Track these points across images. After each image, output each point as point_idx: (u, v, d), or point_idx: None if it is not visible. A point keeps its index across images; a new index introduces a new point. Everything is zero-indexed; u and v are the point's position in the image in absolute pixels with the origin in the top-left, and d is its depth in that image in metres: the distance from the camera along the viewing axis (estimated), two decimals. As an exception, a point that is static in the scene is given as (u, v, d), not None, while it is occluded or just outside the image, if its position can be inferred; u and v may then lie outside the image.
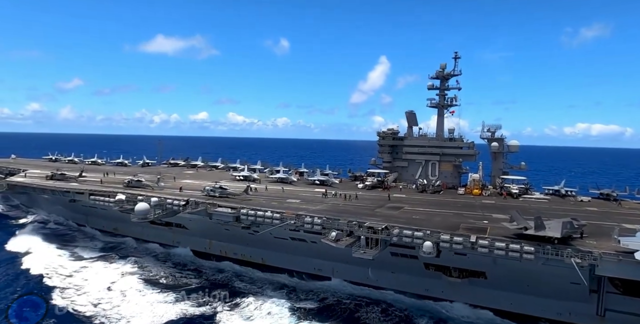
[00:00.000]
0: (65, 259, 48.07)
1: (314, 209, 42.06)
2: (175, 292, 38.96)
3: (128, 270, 44.58)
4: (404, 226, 33.48)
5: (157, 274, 43.51)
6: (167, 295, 38.33)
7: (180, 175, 69.98)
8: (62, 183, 57.43)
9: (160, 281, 41.93)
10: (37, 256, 48.22)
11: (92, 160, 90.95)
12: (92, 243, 54.77)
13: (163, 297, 38.03)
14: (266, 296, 38.67)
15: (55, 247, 51.95)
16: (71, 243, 54.31)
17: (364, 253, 32.12)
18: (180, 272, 44.52)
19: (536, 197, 53.17)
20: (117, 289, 39.76)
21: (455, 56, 62.76)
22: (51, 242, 53.90)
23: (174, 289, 39.65)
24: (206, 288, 39.72)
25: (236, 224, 41.36)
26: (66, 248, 51.80)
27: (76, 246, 52.81)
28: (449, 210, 43.25)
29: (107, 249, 52.33)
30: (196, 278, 43.06)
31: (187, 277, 43.28)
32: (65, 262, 46.93)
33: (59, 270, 44.19)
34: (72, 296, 38.17)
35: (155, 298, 37.88)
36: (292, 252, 43.41)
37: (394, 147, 64.74)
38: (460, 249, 31.21)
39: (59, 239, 55.94)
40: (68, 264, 46.10)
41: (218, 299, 37.25)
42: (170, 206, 43.78)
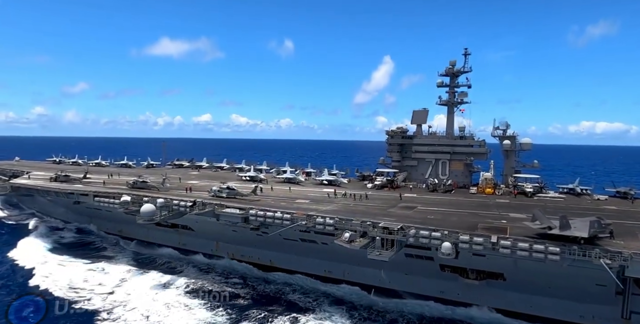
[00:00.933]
0: (97, 272, 44.42)
1: (325, 209, 40.83)
2: (229, 308, 36.43)
3: (169, 281, 41.63)
4: (421, 227, 32.19)
5: (203, 287, 40.57)
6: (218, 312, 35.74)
7: (185, 176, 68.96)
8: (66, 185, 56.52)
9: (208, 296, 38.62)
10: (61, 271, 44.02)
11: (96, 162, 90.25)
12: (121, 253, 51.23)
13: (212, 314, 35.52)
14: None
15: (79, 258, 48.48)
16: (97, 253, 51.11)
17: (379, 255, 30.84)
18: (235, 286, 41.28)
19: (551, 196, 51.72)
20: (163, 301, 37.14)
21: (465, 53, 61.43)
22: (72, 252, 50.89)
23: (227, 305, 36.86)
24: (259, 301, 37.78)
25: (245, 225, 40.21)
26: (92, 259, 48.55)
27: (105, 257, 49.28)
28: (464, 210, 41.93)
29: (140, 259, 49.10)
30: (244, 288, 40.67)
31: (236, 287, 40.80)
32: (99, 276, 43.19)
33: (96, 288, 40.08)
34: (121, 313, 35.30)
35: (204, 315, 35.32)
36: (301, 254, 42.28)
37: (403, 146, 63.48)
38: (480, 250, 29.92)
39: (80, 247, 53.10)
40: (103, 279, 42.43)
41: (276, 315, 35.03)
42: (176, 207, 42.66)
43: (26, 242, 53.73)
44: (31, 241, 54.18)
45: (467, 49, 61.32)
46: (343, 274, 41.56)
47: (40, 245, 52.72)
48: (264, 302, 38.17)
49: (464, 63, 61.45)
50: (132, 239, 54.55)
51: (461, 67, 61.57)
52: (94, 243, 55.78)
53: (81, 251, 51.78)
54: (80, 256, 49.66)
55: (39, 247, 52.05)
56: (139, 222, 42.40)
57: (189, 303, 37.34)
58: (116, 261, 48.04)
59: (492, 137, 60.90)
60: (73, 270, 44.76)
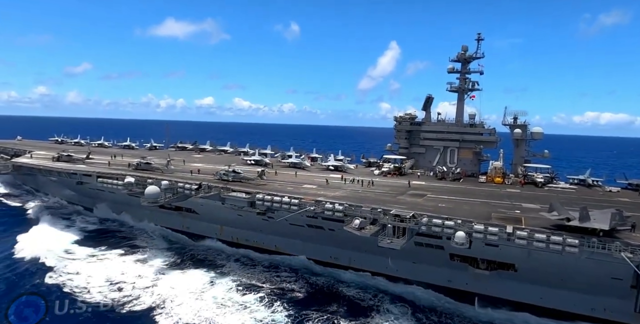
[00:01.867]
0: (130, 265, 41.35)
1: (333, 195, 39.98)
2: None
3: (212, 277, 39.28)
4: (433, 215, 31.35)
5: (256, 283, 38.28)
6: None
7: (188, 159, 68.04)
8: (69, 165, 55.74)
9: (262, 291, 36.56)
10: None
11: (98, 142, 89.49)
12: (156, 244, 47.78)
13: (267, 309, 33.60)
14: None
15: (110, 248, 45.60)
16: (127, 242, 48.05)
17: (390, 243, 30.09)
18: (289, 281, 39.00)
19: (562, 186, 50.73)
20: (210, 298, 34.75)
21: (478, 38, 59.43)
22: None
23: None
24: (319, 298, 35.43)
25: (251, 209, 39.48)
26: (124, 248, 45.79)
27: (142, 248, 46.04)
28: (475, 199, 41.03)
29: (175, 249, 46.41)
30: (296, 283, 38.47)
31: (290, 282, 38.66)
32: (135, 269, 40.16)
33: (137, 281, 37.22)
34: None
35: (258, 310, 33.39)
36: (307, 239, 41.72)
37: (411, 132, 62.21)
38: (494, 241, 29.13)
39: (104, 235, 50.11)
40: (140, 272, 39.48)
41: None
42: (181, 190, 41.88)
43: (37, 229, 51.13)
44: (43, 228, 51.24)
45: (480, 34, 59.34)
46: (349, 261, 41.06)
47: (53, 232, 50.40)
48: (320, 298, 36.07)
49: (477, 49, 59.64)
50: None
51: (473, 52, 59.79)
52: (119, 231, 52.44)
53: (105, 239, 48.93)
54: (109, 244, 47.00)
55: (51, 234, 49.87)
56: (143, 204, 41.70)
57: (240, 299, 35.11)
58: (148, 253, 44.80)
59: (503, 125, 59.63)
60: (108, 264, 41.89)
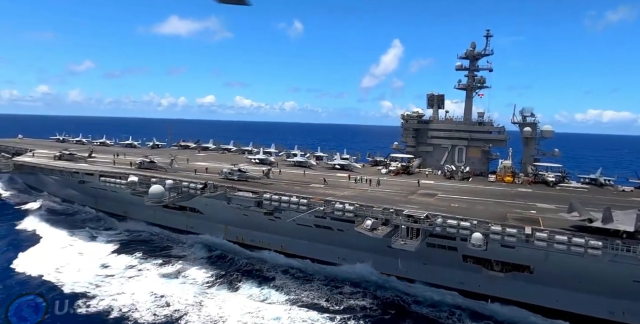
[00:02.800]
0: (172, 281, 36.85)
1: (342, 195, 38.99)
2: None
3: (264, 292, 35.24)
4: (448, 215, 30.35)
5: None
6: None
7: (192, 157, 67.11)
8: (71, 164, 54.79)
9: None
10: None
11: (100, 141, 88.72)
12: (194, 253, 43.78)
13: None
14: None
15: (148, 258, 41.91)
16: (165, 252, 44.27)
17: (404, 244, 29.07)
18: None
19: (574, 186, 49.65)
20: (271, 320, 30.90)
21: (487, 35, 58.39)
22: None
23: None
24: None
25: (258, 209, 38.51)
26: (164, 258, 42.15)
27: (180, 259, 42.12)
28: (487, 198, 40.01)
29: (216, 258, 42.96)
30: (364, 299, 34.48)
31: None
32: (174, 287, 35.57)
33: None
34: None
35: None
36: (315, 240, 40.79)
37: (419, 131, 61.21)
38: (512, 242, 28.13)
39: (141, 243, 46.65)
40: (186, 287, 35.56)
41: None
42: (186, 189, 40.91)
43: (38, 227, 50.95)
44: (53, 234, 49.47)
45: (489, 30, 58.32)
46: (357, 262, 40.14)
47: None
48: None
49: (485, 45, 58.61)
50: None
51: (482, 49, 58.74)
52: (150, 240, 48.59)
53: (139, 248, 45.31)
54: (144, 254, 43.41)
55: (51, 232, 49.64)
56: (147, 204, 40.75)
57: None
58: (188, 263, 41.03)
59: (512, 123, 58.60)
60: (147, 277, 37.84)
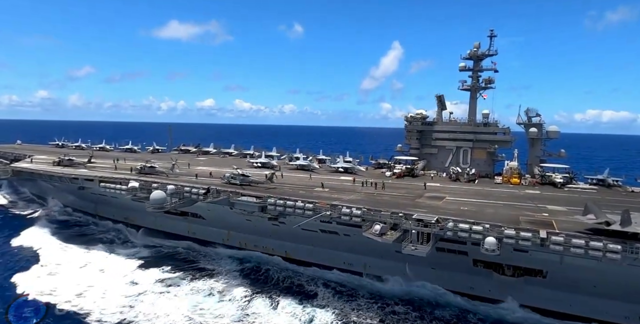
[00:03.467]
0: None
1: (348, 198, 38.09)
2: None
3: (309, 311, 32.94)
4: (459, 219, 29.45)
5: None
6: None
7: (193, 162, 66.22)
8: (70, 169, 53.89)
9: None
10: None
11: (100, 146, 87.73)
12: (225, 266, 41.66)
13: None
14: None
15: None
16: (194, 265, 42.23)
17: (414, 250, 28.16)
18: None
19: (582, 187, 48.78)
20: None
21: (491, 35, 57.79)
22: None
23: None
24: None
25: (262, 214, 37.63)
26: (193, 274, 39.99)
27: (211, 272, 40.15)
28: (496, 201, 39.11)
29: (248, 271, 40.55)
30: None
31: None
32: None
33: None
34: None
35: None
36: (320, 245, 39.91)
37: (423, 132, 60.40)
38: (526, 246, 27.25)
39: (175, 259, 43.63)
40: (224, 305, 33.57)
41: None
42: (188, 195, 40.02)
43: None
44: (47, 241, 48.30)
45: (493, 30, 57.68)
46: (364, 267, 39.29)
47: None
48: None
49: (489, 45, 57.97)
50: (139, 227, 52.24)
51: (486, 49, 58.09)
52: (178, 253, 45.71)
53: (169, 262, 42.49)
54: (173, 268, 40.92)
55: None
56: (148, 210, 39.85)
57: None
58: (221, 279, 38.42)
59: (517, 124, 57.91)
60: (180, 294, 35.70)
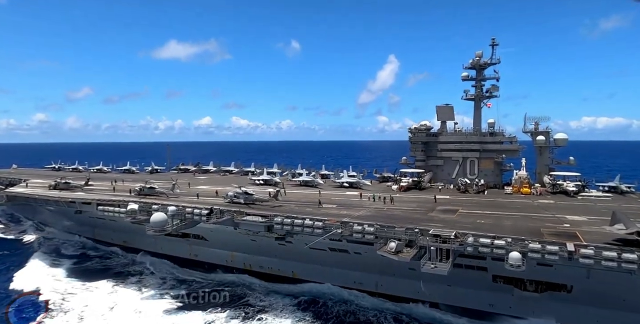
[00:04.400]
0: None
1: (357, 215, 36.46)
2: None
3: None
4: (478, 234, 27.82)
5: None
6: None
7: (193, 181, 64.63)
8: (66, 193, 52.16)
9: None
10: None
11: (97, 168, 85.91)
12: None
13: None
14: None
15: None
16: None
17: (434, 268, 26.43)
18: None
19: (596, 195, 47.31)
20: None
21: (493, 43, 57.26)
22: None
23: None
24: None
25: (268, 234, 35.91)
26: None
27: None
28: (511, 212, 37.52)
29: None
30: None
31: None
32: None
33: None
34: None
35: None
36: (329, 264, 38.13)
37: (428, 144, 59.20)
38: (552, 260, 25.59)
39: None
40: None
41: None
42: (190, 216, 38.30)
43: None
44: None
45: (495, 39, 57.22)
46: (376, 285, 37.48)
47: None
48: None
49: (492, 54, 57.39)
50: (138, 250, 50.31)
51: (488, 58, 57.49)
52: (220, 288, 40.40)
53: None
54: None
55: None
56: (149, 233, 38.04)
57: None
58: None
59: (523, 133, 56.89)
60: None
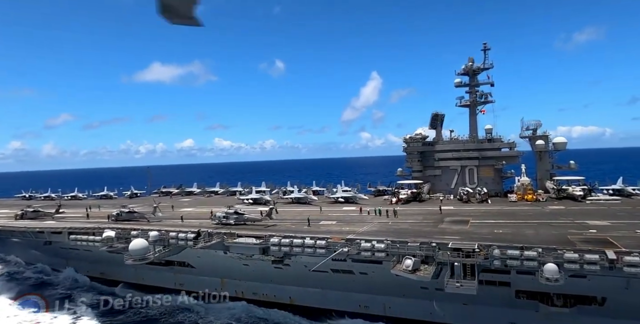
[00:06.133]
0: None
1: (362, 231, 33.05)
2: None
3: None
4: (504, 245, 24.72)
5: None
6: None
7: (176, 204, 60.30)
8: (35, 222, 47.16)
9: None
10: None
11: (71, 195, 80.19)
12: None
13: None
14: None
15: None
16: None
17: (460, 287, 23.06)
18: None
19: (604, 198, 45.21)
20: None
21: (485, 48, 56.23)
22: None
23: None
24: None
25: (264, 257, 32.05)
26: None
27: None
28: (526, 220, 34.73)
29: None
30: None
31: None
32: None
33: None
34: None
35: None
36: (331, 287, 34.27)
37: (424, 153, 56.72)
38: (592, 271, 22.62)
39: None
40: None
41: None
42: (175, 241, 34.16)
43: None
44: None
45: (486, 43, 56.26)
46: (384, 308, 33.68)
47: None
48: None
49: (484, 59, 56.16)
50: (118, 283, 45.40)
51: (481, 63, 56.15)
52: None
53: None
54: None
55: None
56: (128, 263, 33.69)
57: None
58: None
59: (520, 138, 55.20)
60: None
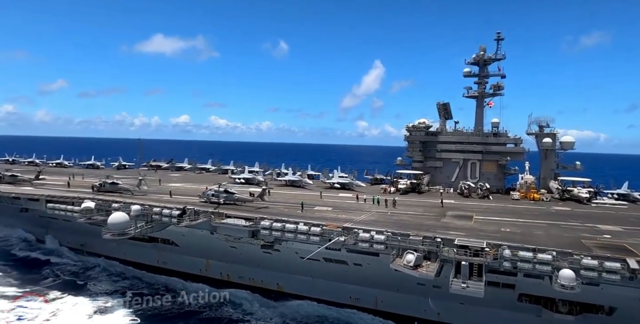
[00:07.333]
0: None
1: (359, 219, 31.00)
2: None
3: None
4: (514, 245, 22.77)
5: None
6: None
7: (165, 178, 57.91)
8: (11, 187, 44.56)
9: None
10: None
11: (57, 162, 77.23)
12: None
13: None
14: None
15: None
16: None
17: (467, 288, 21.15)
18: None
19: (611, 202, 43.52)
20: None
21: (498, 38, 53.35)
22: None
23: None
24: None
25: (253, 241, 30.02)
26: None
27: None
28: (534, 220, 32.83)
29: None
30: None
31: None
32: None
33: None
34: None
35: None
36: (321, 276, 32.50)
37: (426, 143, 54.45)
38: (612, 280, 20.83)
39: None
40: None
41: None
42: (158, 217, 31.92)
43: None
44: None
45: (500, 33, 53.34)
46: (375, 302, 32.04)
47: None
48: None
49: (496, 49, 53.38)
50: (99, 256, 43.37)
51: (493, 53, 53.44)
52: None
53: None
54: None
55: None
56: (106, 237, 31.44)
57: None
58: None
59: (527, 134, 52.93)
60: None
